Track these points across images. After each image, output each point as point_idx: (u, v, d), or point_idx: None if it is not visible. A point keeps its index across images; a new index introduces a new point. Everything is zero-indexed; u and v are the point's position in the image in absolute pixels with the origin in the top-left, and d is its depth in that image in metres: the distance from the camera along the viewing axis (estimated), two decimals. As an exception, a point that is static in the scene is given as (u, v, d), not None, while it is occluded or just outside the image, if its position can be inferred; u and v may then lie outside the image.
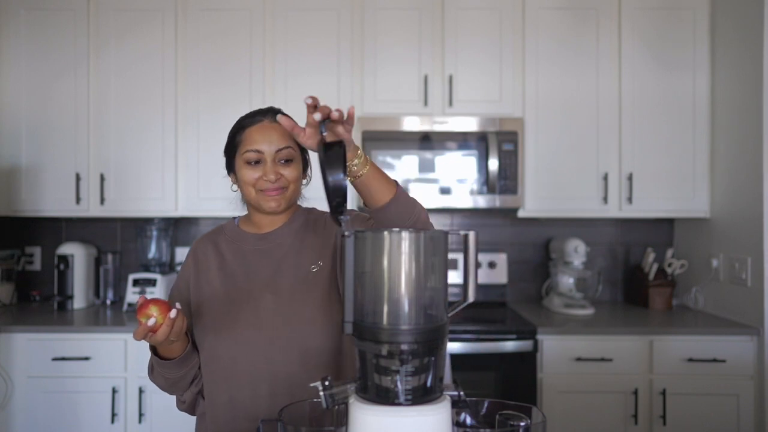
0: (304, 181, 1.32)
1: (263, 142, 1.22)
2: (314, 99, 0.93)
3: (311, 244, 1.28)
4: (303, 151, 1.29)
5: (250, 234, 1.31)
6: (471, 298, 0.91)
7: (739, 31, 2.50)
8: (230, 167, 1.30)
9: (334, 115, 0.95)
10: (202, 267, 1.30)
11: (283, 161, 1.23)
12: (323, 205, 0.97)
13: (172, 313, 1.04)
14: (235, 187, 1.31)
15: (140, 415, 2.35)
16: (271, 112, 1.27)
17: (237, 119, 1.30)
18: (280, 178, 1.22)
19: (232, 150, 1.27)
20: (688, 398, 2.36)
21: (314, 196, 2.53)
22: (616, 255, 3.07)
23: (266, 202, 1.23)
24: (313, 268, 1.24)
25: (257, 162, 1.22)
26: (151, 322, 1.02)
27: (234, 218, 1.38)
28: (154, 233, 2.85)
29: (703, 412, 2.35)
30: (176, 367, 1.21)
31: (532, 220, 3.03)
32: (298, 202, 1.36)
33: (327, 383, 0.85)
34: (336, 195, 0.87)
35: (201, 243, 1.35)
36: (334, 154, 0.89)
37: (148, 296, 1.16)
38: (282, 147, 1.22)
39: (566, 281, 2.80)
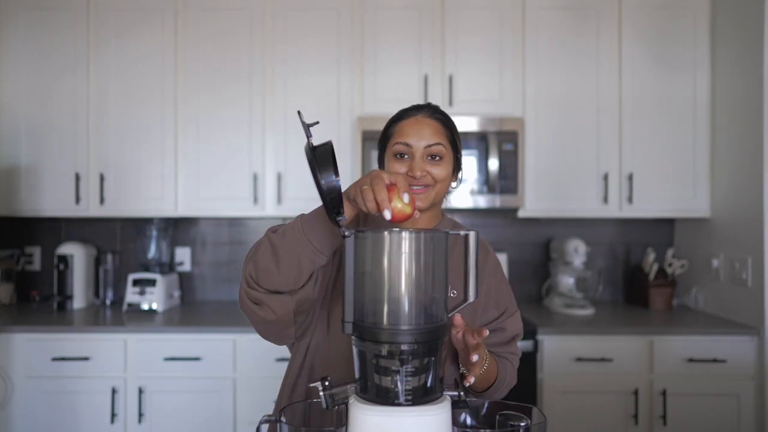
0: (454, 185, 1.25)
1: (413, 135, 1.16)
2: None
3: (452, 265, 1.08)
4: (456, 152, 1.22)
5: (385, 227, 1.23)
6: (471, 298, 0.90)
7: (740, 31, 2.50)
8: (381, 160, 1.25)
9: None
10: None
11: (432, 158, 1.16)
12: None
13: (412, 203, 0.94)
14: None
15: (140, 415, 2.35)
16: (428, 107, 1.22)
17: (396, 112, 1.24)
18: (426, 175, 1.15)
19: (383, 142, 1.23)
20: (688, 398, 2.35)
21: (304, 196, 2.53)
22: (617, 255, 3.07)
23: None
24: (452, 294, 1.15)
25: (405, 156, 1.17)
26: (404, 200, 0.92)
27: None
28: (154, 233, 2.85)
29: (704, 413, 2.35)
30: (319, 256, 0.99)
31: (533, 220, 3.03)
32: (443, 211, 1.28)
33: (327, 383, 0.85)
34: (330, 195, 0.86)
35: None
36: (323, 153, 0.87)
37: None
38: (432, 143, 1.16)
39: (566, 281, 2.80)
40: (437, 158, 1.17)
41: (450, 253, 1.15)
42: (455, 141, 1.22)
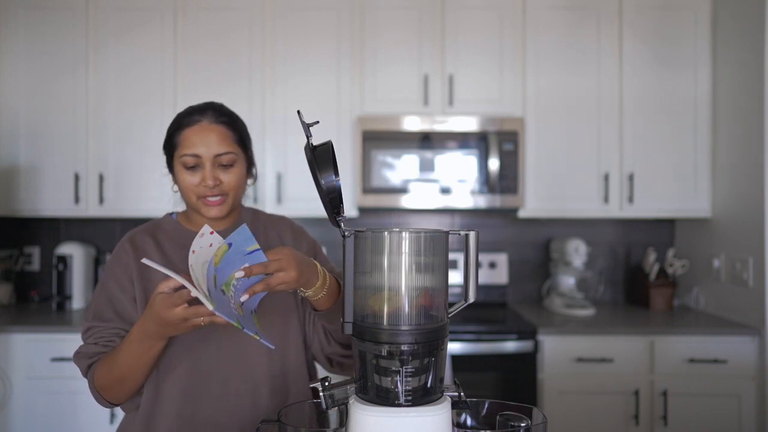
0: (250, 181, 1.25)
1: (201, 145, 1.14)
2: None
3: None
4: (247, 150, 1.22)
5: (195, 232, 1.21)
6: (471, 298, 0.90)
7: (741, 30, 2.50)
8: (170, 165, 1.21)
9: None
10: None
11: (223, 165, 1.16)
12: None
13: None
14: (176, 187, 1.22)
15: (139, 415, 2.34)
16: (211, 110, 1.18)
17: (175, 115, 1.21)
18: (220, 184, 1.15)
19: (170, 150, 1.19)
20: (689, 399, 2.35)
21: (304, 196, 2.52)
22: (617, 255, 3.06)
23: (206, 210, 1.17)
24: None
25: (195, 166, 1.15)
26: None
27: (170, 214, 1.29)
28: (154, 233, 2.84)
29: (705, 413, 2.35)
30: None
31: (533, 220, 3.02)
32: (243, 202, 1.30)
33: (327, 383, 0.85)
34: (330, 195, 0.85)
35: (138, 236, 1.22)
36: (322, 153, 0.86)
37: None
38: (222, 152, 1.15)
39: (567, 281, 2.80)
40: (229, 166, 1.17)
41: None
42: (245, 141, 1.22)
